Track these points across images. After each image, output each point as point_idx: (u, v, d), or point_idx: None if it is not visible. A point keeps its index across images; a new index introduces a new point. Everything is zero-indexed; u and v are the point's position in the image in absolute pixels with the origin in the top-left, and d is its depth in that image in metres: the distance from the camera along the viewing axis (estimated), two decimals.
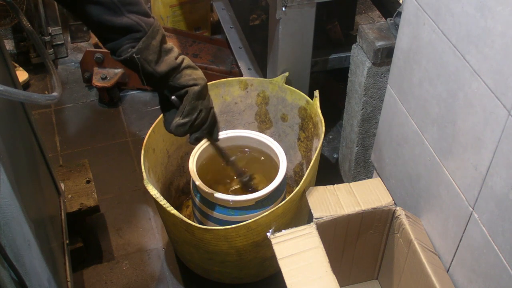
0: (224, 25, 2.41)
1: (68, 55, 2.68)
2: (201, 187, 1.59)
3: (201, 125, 1.32)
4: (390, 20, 1.61)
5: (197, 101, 1.26)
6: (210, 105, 1.33)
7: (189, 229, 1.50)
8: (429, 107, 1.28)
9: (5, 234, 0.98)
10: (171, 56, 1.19)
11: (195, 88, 1.23)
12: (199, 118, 1.29)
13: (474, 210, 1.17)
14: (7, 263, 0.96)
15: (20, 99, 0.93)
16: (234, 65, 2.40)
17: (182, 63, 1.22)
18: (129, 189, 2.10)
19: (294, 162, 1.96)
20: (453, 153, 1.21)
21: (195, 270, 1.77)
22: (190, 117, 1.27)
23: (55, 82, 1.05)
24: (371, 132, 1.76)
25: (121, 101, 2.46)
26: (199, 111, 1.28)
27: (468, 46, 1.09)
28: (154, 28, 1.14)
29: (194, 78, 1.24)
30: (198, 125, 1.31)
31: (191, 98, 1.24)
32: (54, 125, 2.36)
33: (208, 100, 1.31)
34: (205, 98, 1.29)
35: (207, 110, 1.31)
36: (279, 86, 1.84)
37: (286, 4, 1.66)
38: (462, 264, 1.26)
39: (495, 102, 1.03)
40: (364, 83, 1.64)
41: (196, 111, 1.27)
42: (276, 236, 1.37)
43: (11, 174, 1.06)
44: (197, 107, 1.27)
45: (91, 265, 1.85)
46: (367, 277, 1.69)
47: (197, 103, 1.26)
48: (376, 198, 1.48)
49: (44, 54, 1.16)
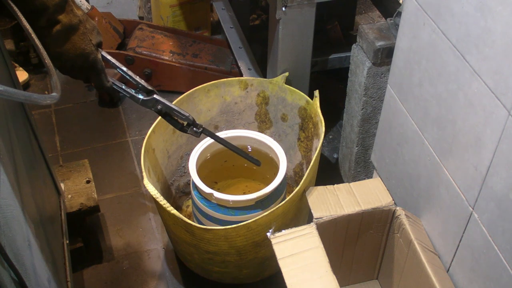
0: (224, 25, 2.41)
1: None
2: (201, 187, 1.59)
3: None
4: (390, 20, 1.61)
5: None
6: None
7: (189, 229, 1.50)
8: (429, 107, 1.28)
9: (5, 234, 0.98)
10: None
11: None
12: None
13: (474, 210, 1.17)
14: (7, 263, 0.96)
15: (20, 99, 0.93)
16: (234, 65, 2.40)
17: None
18: (129, 189, 2.10)
19: (294, 162, 1.96)
20: (453, 153, 1.21)
21: (195, 270, 1.77)
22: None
23: (55, 82, 1.05)
24: (371, 132, 1.76)
25: (121, 101, 2.46)
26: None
27: (468, 46, 1.09)
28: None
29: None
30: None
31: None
32: (54, 125, 2.36)
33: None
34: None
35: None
36: (279, 86, 1.84)
37: (286, 4, 1.66)
38: (462, 264, 1.26)
39: (495, 102, 1.03)
40: (364, 83, 1.64)
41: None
42: (276, 236, 1.37)
43: (11, 174, 1.06)
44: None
45: (91, 265, 1.85)
46: (367, 277, 1.69)
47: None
48: (376, 198, 1.48)
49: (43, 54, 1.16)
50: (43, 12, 1.10)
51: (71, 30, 1.14)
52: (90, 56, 1.19)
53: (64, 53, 1.16)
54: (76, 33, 1.15)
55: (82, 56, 1.18)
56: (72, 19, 1.14)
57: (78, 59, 1.18)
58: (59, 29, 1.12)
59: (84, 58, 1.18)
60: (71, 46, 1.15)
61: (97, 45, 1.21)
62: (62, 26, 1.13)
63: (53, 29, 1.12)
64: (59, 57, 1.16)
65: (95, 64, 1.21)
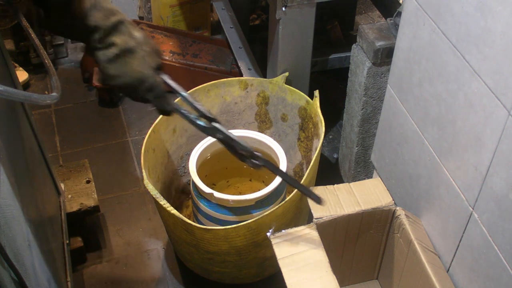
0: (224, 25, 2.41)
1: (68, 55, 2.68)
2: (201, 187, 1.59)
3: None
4: (390, 20, 1.61)
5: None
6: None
7: (189, 229, 1.50)
8: (429, 107, 1.28)
9: (5, 234, 0.98)
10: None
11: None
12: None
13: (474, 210, 1.17)
14: (7, 263, 0.96)
15: (20, 99, 0.93)
16: (234, 65, 2.40)
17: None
18: (129, 189, 2.10)
19: (294, 162, 1.96)
20: (453, 153, 1.21)
21: (195, 270, 1.77)
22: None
23: (55, 82, 1.05)
24: (371, 132, 1.76)
25: (121, 101, 2.46)
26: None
27: (468, 46, 1.09)
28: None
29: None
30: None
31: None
32: (54, 125, 2.36)
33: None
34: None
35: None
36: (279, 86, 1.84)
37: (286, 4, 1.66)
38: (462, 264, 1.26)
39: (495, 102, 1.03)
40: (364, 83, 1.64)
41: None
42: (276, 236, 1.37)
43: (11, 174, 1.06)
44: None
45: (91, 265, 1.85)
46: (367, 277, 1.69)
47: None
48: (376, 198, 1.48)
49: (42, 54, 1.16)
50: (95, 32, 1.05)
51: (127, 53, 1.08)
52: (149, 80, 1.11)
53: (121, 76, 1.09)
54: (134, 56, 1.09)
55: (140, 80, 1.11)
56: (129, 42, 1.08)
57: (136, 82, 1.11)
58: (115, 52, 1.06)
59: (142, 81, 1.11)
60: (129, 69, 1.09)
61: (156, 68, 1.13)
62: (118, 49, 1.06)
63: (108, 51, 1.07)
64: (116, 79, 1.10)
65: (154, 87, 1.13)
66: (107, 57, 1.07)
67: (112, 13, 1.07)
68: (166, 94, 1.16)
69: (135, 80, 1.10)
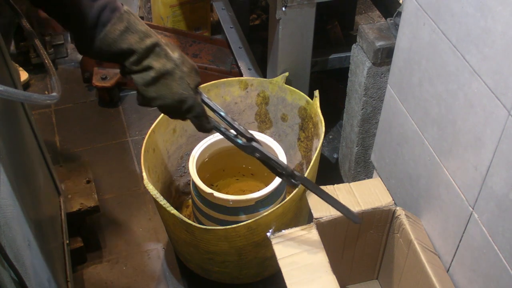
0: (224, 25, 2.41)
1: (68, 55, 2.68)
2: (201, 187, 1.59)
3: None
4: (390, 20, 1.61)
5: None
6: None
7: (189, 229, 1.50)
8: (429, 107, 1.28)
9: (5, 234, 0.98)
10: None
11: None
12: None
13: (474, 210, 1.17)
14: (7, 263, 0.96)
15: (20, 99, 0.93)
16: (234, 65, 2.40)
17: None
18: (129, 189, 2.10)
19: (294, 162, 1.96)
20: (453, 153, 1.21)
21: (195, 270, 1.77)
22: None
23: (55, 82, 1.05)
24: (371, 132, 1.76)
25: (121, 101, 2.46)
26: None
27: (468, 46, 1.09)
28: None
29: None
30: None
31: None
32: (54, 125, 2.36)
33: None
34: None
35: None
36: (279, 86, 1.84)
37: (286, 4, 1.66)
38: (462, 264, 1.26)
39: (495, 102, 1.03)
40: (364, 83, 1.64)
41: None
42: (276, 236, 1.37)
43: (11, 174, 1.06)
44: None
45: (91, 265, 1.85)
46: (367, 277, 1.69)
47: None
48: (376, 198, 1.48)
49: (42, 54, 1.16)
50: (131, 56, 1.04)
51: (166, 75, 1.06)
52: (189, 100, 1.10)
53: (161, 98, 1.08)
54: (172, 78, 1.07)
55: (180, 101, 1.09)
56: (166, 64, 1.06)
57: (176, 104, 1.10)
58: (152, 75, 1.05)
59: (182, 102, 1.10)
60: (168, 92, 1.08)
61: (195, 87, 1.12)
62: (156, 72, 1.05)
63: (146, 74, 1.05)
64: (155, 101, 1.09)
65: (194, 108, 1.12)
66: (145, 80, 1.06)
67: (147, 36, 1.05)
68: (206, 113, 1.16)
69: (174, 102, 1.09)
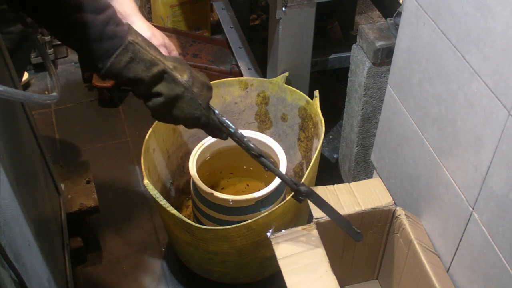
0: (224, 25, 2.41)
1: (68, 55, 2.68)
2: (201, 187, 1.59)
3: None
4: (390, 20, 1.61)
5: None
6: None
7: (189, 229, 1.50)
8: (429, 107, 1.28)
9: (5, 234, 0.98)
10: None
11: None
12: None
13: (474, 210, 1.17)
14: (7, 263, 0.96)
15: (20, 99, 0.93)
16: (234, 65, 2.40)
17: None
18: (129, 189, 2.10)
19: (294, 162, 1.96)
20: (453, 153, 1.21)
21: (195, 270, 1.77)
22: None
23: (55, 82, 1.05)
24: (371, 132, 1.76)
25: (121, 101, 2.46)
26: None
27: (468, 46, 1.09)
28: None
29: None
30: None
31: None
32: (54, 125, 2.36)
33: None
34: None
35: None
36: (279, 86, 1.84)
37: (286, 4, 1.66)
38: (462, 264, 1.26)
39: (495, 102, 1.03)
40: (364, 83, 1.64)
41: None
42: (276, 236, 1.37)
43: (11, 174, 1.06)
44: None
45: (91, 265, 1.85)
46: (367, 277, 1.69)
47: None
48: (376, 198, 1.48)
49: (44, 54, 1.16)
50: (139, 85, 1.05)
51: (176, 99, 1.09)
52: (201, 119, 1.13)
53: (173, 119, 1.12)
54: (182, 101, 1.09)
55: (192, 120, 1.12)
56: (175, 89, 1.07)
57: (189, 122, 1.13)
58: (161, 100, 1.07)
59: (195, 120, 1.13)
60: (180, 113, 1.10)
61: (207, 105, 1.13)
62: (165, 97, 1.07)
63: (155, 100, 1.08)
64: (167, 121, 1.13)
65: (207, 124, 1.15)
66: (156, 105, 1.09)
67: (153, 64, 1.05)
68: (219, 126, 1.18)
69: (187, 120, 1.13)
